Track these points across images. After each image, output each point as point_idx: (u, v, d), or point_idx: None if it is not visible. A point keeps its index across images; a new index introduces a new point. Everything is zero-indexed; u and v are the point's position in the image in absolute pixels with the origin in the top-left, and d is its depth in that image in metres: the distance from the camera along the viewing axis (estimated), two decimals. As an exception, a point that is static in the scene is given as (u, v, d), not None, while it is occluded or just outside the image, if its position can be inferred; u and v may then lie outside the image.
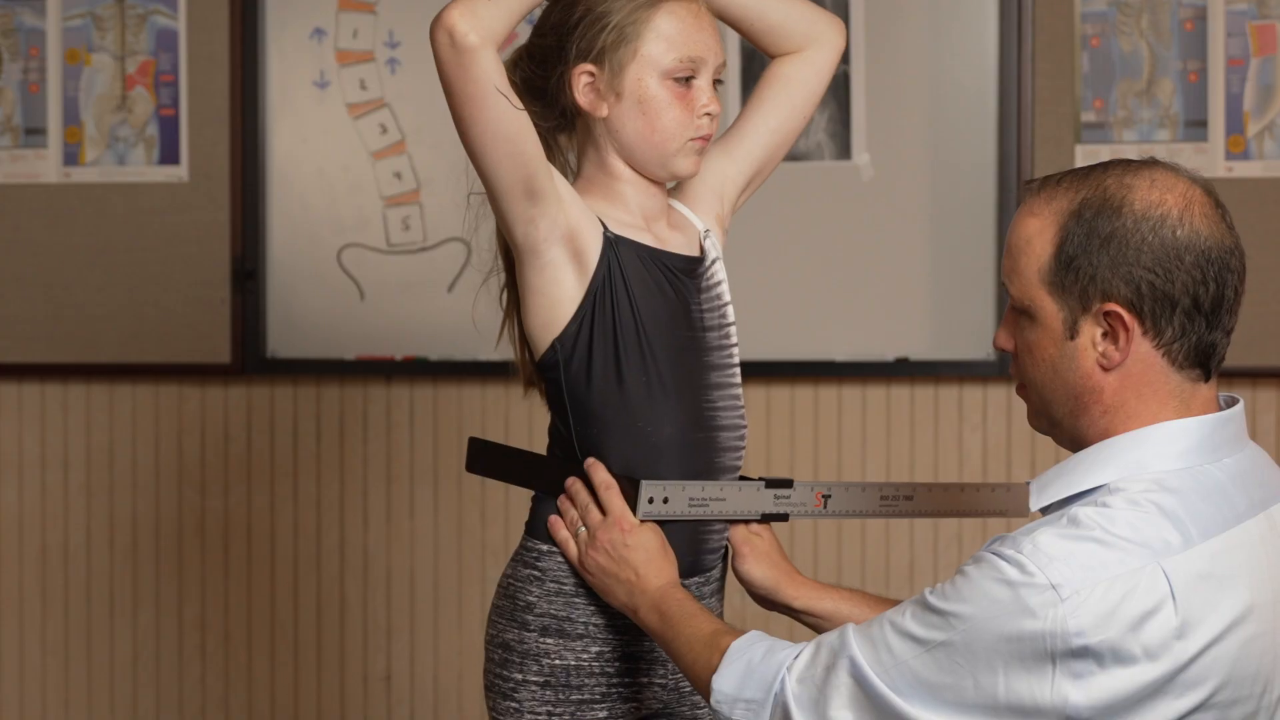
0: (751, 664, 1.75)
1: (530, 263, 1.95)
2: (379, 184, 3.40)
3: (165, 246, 3.43)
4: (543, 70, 2.00)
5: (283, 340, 3.42)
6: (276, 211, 3.42)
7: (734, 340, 2.06)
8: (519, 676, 1.99)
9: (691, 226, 2.07)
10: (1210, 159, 3.20)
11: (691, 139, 1.99)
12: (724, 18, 2.08)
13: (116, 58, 3.44)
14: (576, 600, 1.99)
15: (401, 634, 3.46)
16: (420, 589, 3.46)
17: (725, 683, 1.76)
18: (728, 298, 2.06)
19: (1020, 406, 3.27)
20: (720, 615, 2.08)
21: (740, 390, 2.06)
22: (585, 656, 1.99)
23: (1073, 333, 1.68)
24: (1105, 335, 1.67)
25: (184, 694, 3.50)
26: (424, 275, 3.39)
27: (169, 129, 3.42)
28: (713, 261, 2.06)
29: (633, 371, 1.95)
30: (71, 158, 3.45)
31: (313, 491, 3.47)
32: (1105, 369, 1.68)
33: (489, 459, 2.12)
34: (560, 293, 1.95)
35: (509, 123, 1.88)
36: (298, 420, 3.46)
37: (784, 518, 2.06)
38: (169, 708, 3.50)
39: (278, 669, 3.48)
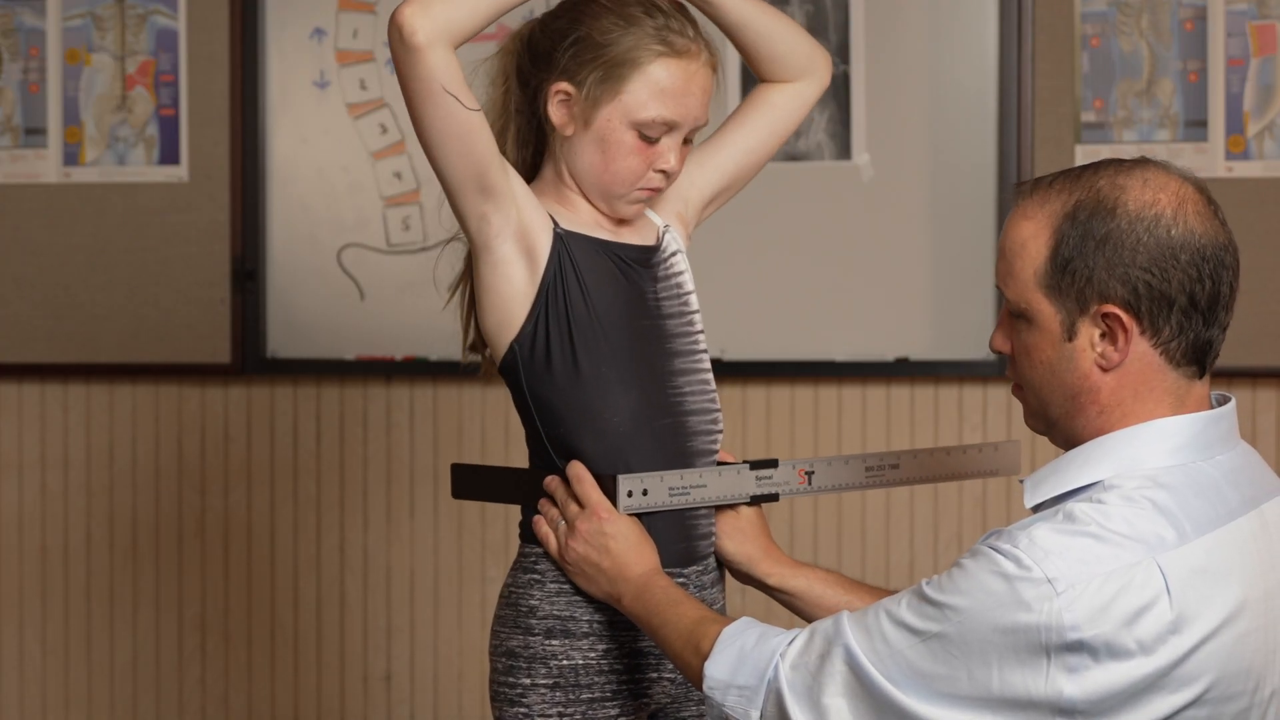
0: (744, 650, 1.76)
1: (484, 259, 1.96)
2: (379, 184, 3.40)
3: (165, 246, 3.43)
4: (533, 65, 2.01)
5: (283, 340, 3.42)
6: (276, 211, 3.42)
7: (698, 328, 2.06)
8: (527, 681, 1.98)
9: (649, 222, 2.08)
10: (1210, 159, 3.20)
11: (640, 188, 2.00)
12: (731, 37, 2.09)
13: (116, 58, 3.44)
14: (578, 599, 1.99)
15: (401, 634, 3.46)
16: (420, 589, 3.46)
17: (718, 669, 1.76)
18: (689, 287, 2.07)
19: (1020, 406, 3.28)
20: (723, 607, 2.08)
21: (709, 376, 2.06)
22: (592, 655, 1.99)
23: (1071, 334, 1.69)
24: (1104, 336, 1.68)
25: (184, 694, 3.50)
26: (424, 275, 3.34)
27: (169, 129, 3.42)
28: (672, 253, 2.06)
29: (590, 362, 1.96)
30: (71, 158, 3.45)
31: (313, 491, 3.47)
32: (1104, 369, 1.69)
33: (474, 482, 2.14)
34: (512, 290, 1.96)
35: (459, 122, 1.89)
36: (298, 420, 3.46)
37: (774, 498, 2.06)
38: (169, 708, 3.50)
39: (278, 669, 3.48)
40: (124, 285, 3.44)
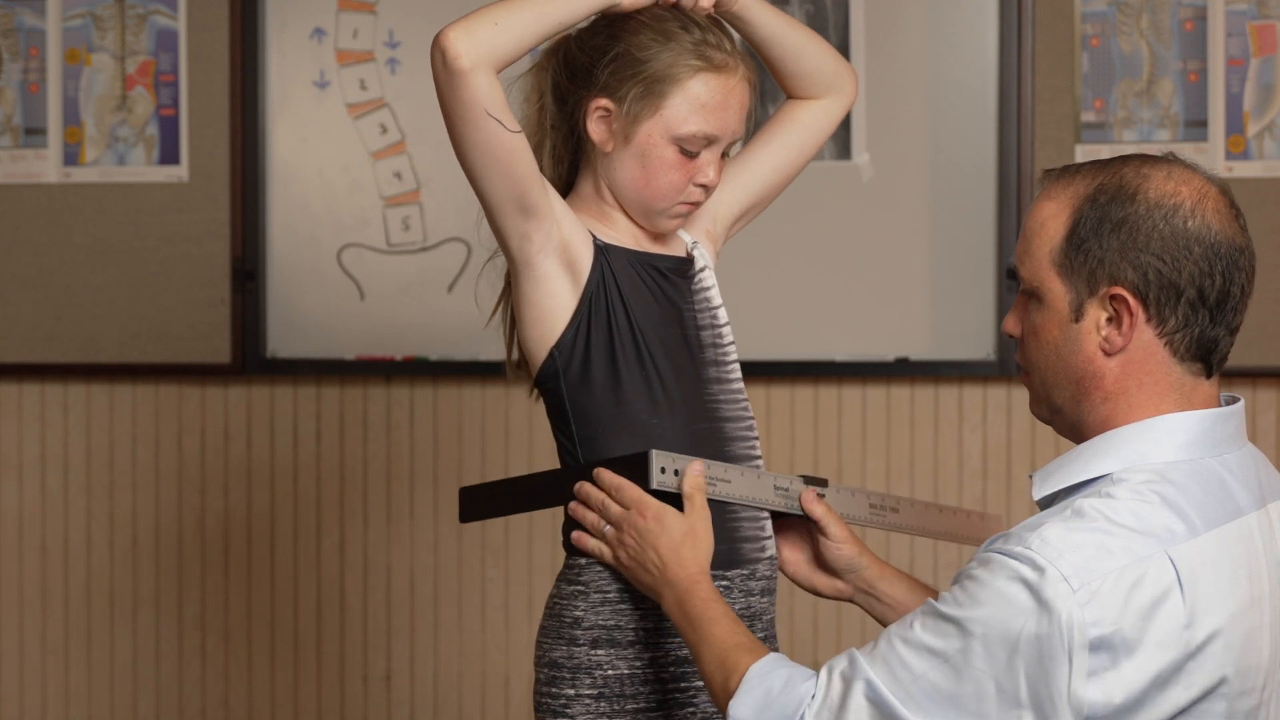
0: (770, 694, 1.73)
1: (525, 275, 1.97)
2: (379, 184, 3.40)
3: (165, 246, 3.43)
4: (571, 82, 2.01)
5: (283, 340, 3.42)
6: (276, 211, 3.42)
7: (729, 340, 2.08)
8: (571, 692, 1.97)
9: (678, 239, 2.10)
10: (1210, 159, 3.20)
11: (681, 203, 2.01)
12: (761, 52, 2.10)
13: (116, 58, 3.44)
14: (623, 608, 1.98)
15: (401, 634, 3.46)
16: (420, 589, 3.46)
17: (743, 710, 1.74)
18: (718, 301, 2.08)
19: (1020, 406, 3.28)
20: (772, 619, 2.07)
21: (741, 386, 2.07)
22: (638, 664, 1.98)
23: (1078, 315, 1.69)
24: (1110, 320, 1.69)
25: (184, 694, 3.50)
26: (424, 275, 3.39)
27: (169, 129, 3.42)
28: (701, 269, 2.08)
29: (631, 370, 1.97)
30: (71, 158, 3.45)
31: (313, 491, 3.47)
32: (1107, 354, 1.69)
33: (483, 501, 2.12)
34: (555, 305, 1.97)
35: (500, 144, 1.89)
36: (298, 420, 3.46)
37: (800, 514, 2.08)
38: (169, 708, 3.50)
39: (278, 669, 3.48)
40: (124, 285, 3.44)
